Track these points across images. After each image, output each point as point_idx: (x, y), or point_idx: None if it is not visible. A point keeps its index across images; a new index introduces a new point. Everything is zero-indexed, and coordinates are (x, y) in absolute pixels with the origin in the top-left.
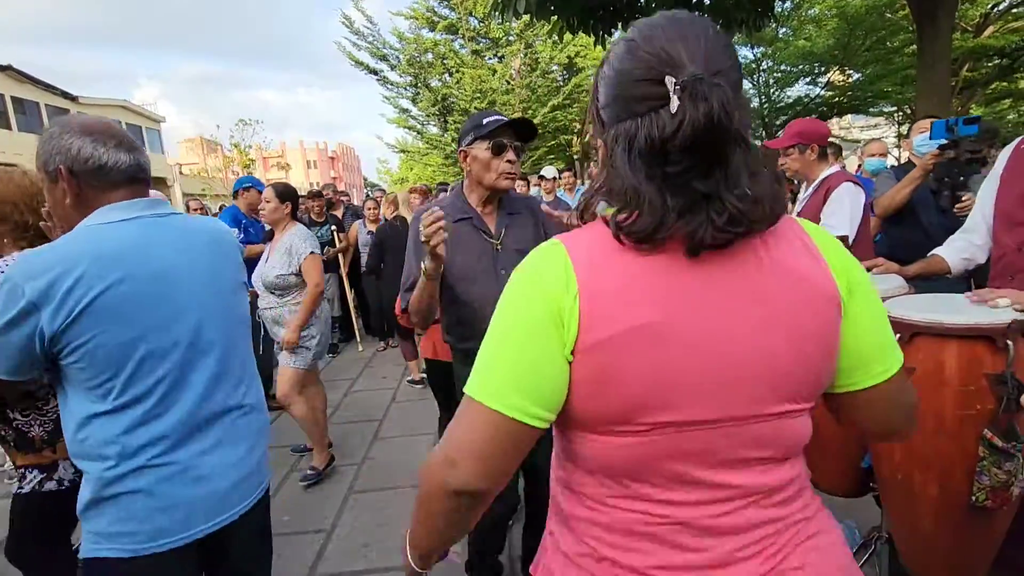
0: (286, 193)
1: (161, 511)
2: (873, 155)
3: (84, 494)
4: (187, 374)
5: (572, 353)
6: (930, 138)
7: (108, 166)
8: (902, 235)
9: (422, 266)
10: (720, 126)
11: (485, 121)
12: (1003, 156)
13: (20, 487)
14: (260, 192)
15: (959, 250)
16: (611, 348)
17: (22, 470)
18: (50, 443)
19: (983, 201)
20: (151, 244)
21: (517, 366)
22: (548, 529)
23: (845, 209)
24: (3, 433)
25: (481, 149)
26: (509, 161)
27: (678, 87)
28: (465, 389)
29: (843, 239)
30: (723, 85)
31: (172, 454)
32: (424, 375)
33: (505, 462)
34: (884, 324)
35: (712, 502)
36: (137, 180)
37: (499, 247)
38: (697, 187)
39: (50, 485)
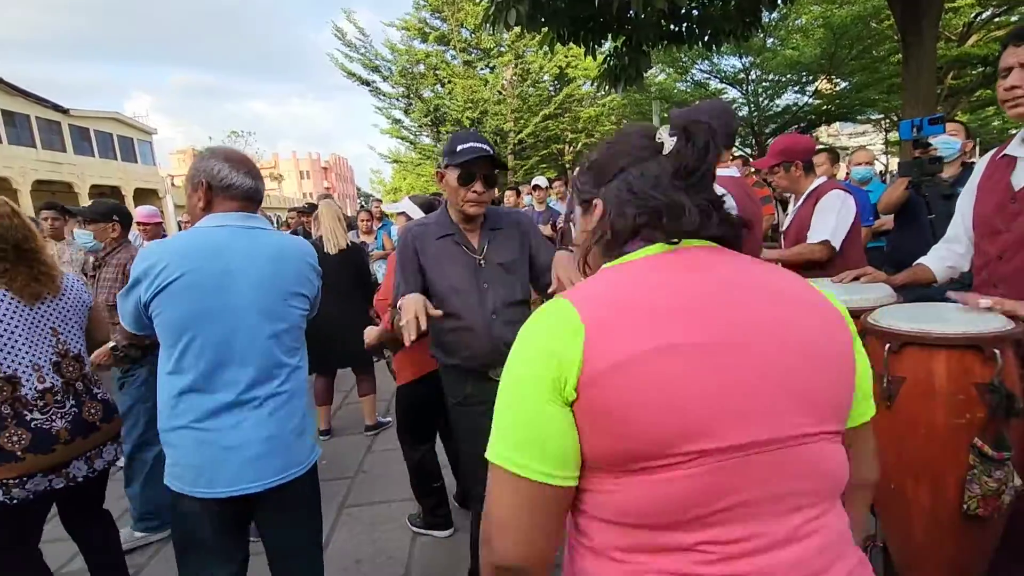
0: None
1: (192, 467)
2: (859, 164)
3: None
4: (228, 357)
5: (576, 391)
6: (900, 138)
7: (235, 185)
8: (912, 236)
9: (395, 319)
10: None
11: (459, 149)
12: (980, 166)
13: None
14: None
15: (943, 259)
16: (618, 376)
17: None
18: (69, 440)
19: (962, 210)
20: (225, 248)
21: (527, 428)
22: None
23: (830, 217)
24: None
25: (453, 176)
26: (475, 191)
27: (674, 133)
28: (487, 455)
29: (824, 243)
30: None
31: (206, 422)
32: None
33: (539, 529)
34: (869, 370)
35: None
36: (251, 199)
37: (482, 262)
38: (706, 195)
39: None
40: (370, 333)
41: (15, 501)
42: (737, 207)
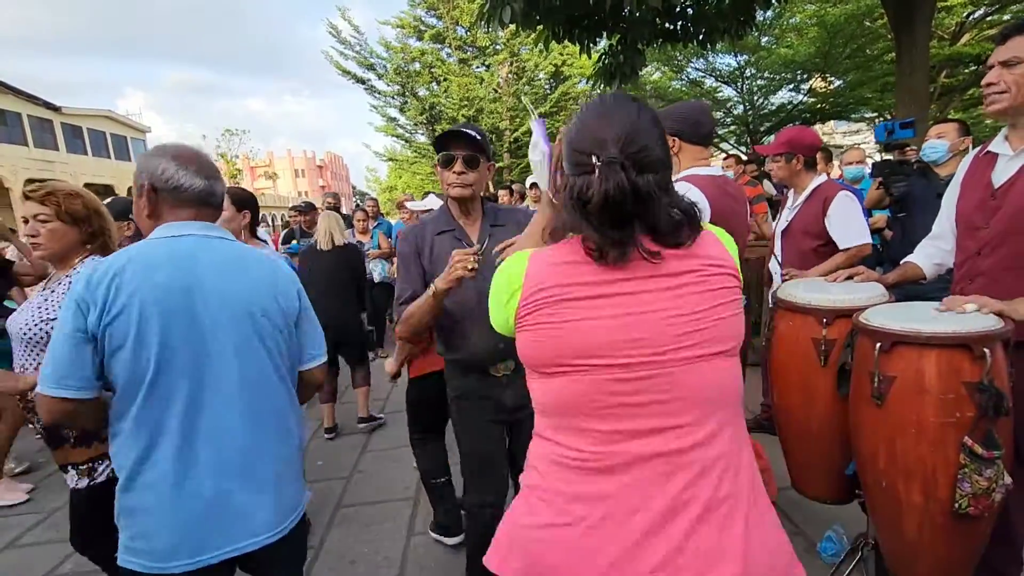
0: (244, 200)
1: (170, 531)
2: (851, 163)
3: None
4: (198, 395)
5: (517, 317)
6: (875, 140)
7: (183, 187)
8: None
9: (432, 287)
10: (614, 198)
11: (438, 134)
12: (964, 164)
13: (91, 479)
14: None
15: (930, 256)
16: (548, 312)
17: (89, 463)
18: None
19: (948, 207)
20: (186, 258)
21: (492, 310)
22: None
23: (860, 219)
24: (66, 433)
25: (440, 163)
26: (456, 172)
27: (600, 164)
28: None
29: (867, 244)
30: (619, 169)
31: (179, 476)
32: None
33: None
34: None
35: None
36: (206, 204)
37: (480, 258)
38: (610, 235)
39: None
40: (389, 364)
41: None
42: (711, 206)
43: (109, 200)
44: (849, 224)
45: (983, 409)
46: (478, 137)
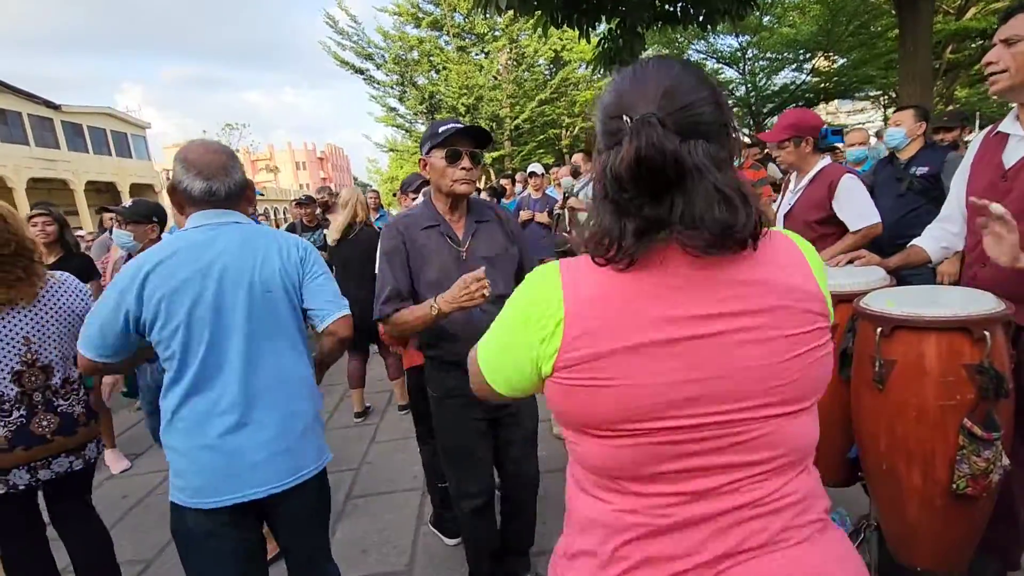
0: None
1: (197, 476)
2: (853, 145)
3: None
4: (223, 354)
5: (554, 368)
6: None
7: (187, 189)
8: (886, 205)
9: (434, 304)
10: (648, 159)
11: (440, 130)
12: (974, 144)
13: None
14: None
15: (937, 239)
16: (581, 368)
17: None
18: (7, 449)
19: (957, 190)
20: (205, 246)
21: (502, 369)
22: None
23: (867, 199)
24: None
25: (438, 157)
26: (464, 168)
27: (630, 125)
28: (478, 350)
29: (877, 226)
30: (656, 124)
31: (207, 428)
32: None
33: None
34: None
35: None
36: (209, 203)
37: (465, 254)
38: (647, 213)
39: None
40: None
41: None
42: None
43: (133, 201)
44: (858, 205)
45: (983, 391)
46: (490, 133)
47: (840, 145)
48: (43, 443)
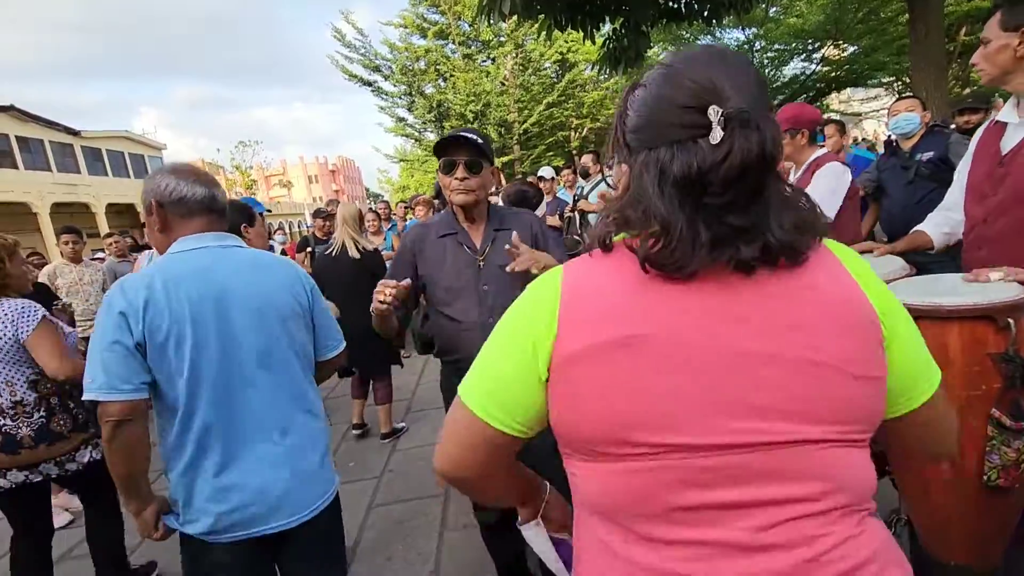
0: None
1: (211, 510)
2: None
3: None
4: (233, 393)
5: (548, 370)
6: None
7: (187, 197)
8: (897, 194)
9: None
10: (769, 160)
11: (438, 142)
12: (978, 134)
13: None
14: (261, 214)
15: (939, 225)
16: (585, 360)
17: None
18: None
19: (960, 177)
20: (210, 270)
21: (497, 381)
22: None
23: (820, 188)
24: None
25: (439, 169)
26: (458, 178)
27: (722, 118)
28: (458, 388)
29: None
30: (772, 120)
31: (221, 462)
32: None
33: (480, 459)
34: (922, 342)
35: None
36: (211, 210)
37: (482, 263)
38: (732, 221)
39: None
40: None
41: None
42: None
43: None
44: (817, 192)
45: (1009, 380)
46: (479, 141)
47: (821, 144)
48: (62, 439)
